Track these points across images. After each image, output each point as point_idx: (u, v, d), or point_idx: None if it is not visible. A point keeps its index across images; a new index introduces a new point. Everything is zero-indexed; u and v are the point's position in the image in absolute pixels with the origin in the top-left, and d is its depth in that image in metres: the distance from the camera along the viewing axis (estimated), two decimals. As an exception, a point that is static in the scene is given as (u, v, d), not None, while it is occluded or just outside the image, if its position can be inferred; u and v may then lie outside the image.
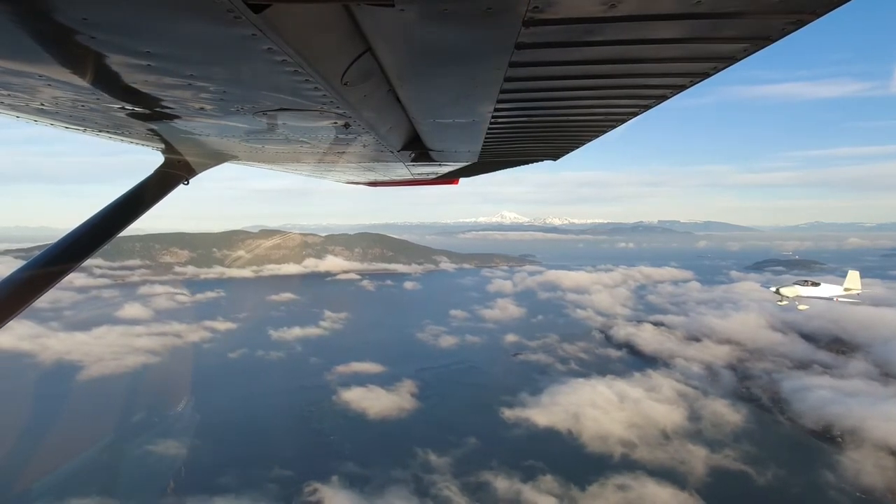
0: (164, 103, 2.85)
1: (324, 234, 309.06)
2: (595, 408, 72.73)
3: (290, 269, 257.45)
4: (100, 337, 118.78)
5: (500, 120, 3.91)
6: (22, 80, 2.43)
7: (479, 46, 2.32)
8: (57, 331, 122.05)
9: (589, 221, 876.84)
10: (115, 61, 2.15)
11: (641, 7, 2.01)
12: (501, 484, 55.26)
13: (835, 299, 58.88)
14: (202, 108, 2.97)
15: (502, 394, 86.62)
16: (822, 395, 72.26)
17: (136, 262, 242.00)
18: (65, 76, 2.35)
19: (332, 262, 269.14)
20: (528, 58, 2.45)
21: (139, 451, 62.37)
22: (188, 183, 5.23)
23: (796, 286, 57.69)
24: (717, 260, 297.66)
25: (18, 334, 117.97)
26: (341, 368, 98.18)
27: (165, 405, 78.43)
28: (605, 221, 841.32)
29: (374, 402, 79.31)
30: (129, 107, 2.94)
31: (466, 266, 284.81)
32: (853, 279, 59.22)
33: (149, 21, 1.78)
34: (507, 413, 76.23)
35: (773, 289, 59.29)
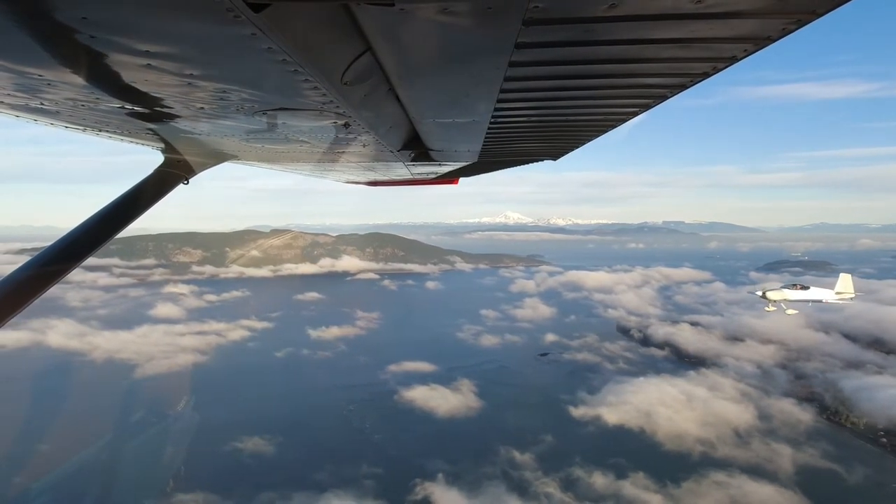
0: (163, 103, 2.89)
1: (335, 234, 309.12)
2: (664, 406, 73.70)
3: (308, 268, 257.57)
4: (144, 336, 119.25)
5: (500, 119, 3.92)
6: (21, 80, 2.46)
7: (479, 46, 2.34)
8: (100, 329, 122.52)
9: (593, 222, 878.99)
10: (115, 61, 2.16)
11: (641, 6, 2.01)
12: (599, 480, 56.24)
13: (823, 301, 56.84)
14: (202, 108, 2.99)
15: (560, 392, 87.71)
16: (891, 394, 73.10)
17: (152, 261, 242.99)
18: (64, 76, 2.38)
19: (349, 262, 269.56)
20: (528, 57, 2.49)
21: (227, 447, 63.25)
22: (188, 182, 5.20)
23: (784, 290, 55.01)
24: (731, 261, 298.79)
25: (65, 332, 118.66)
26: (393, 367, 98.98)
27: (231, 402, 79.13)
28: (610, 222, 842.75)
29: (440, 401, 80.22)
30: (128, 106, 2.97)
31: (482, 266, 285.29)
32: (846, 283, 56.48)
33: (148, 20, 1.78)
34: (575, 411, 77.14)
35: (759, 293, 55.96)
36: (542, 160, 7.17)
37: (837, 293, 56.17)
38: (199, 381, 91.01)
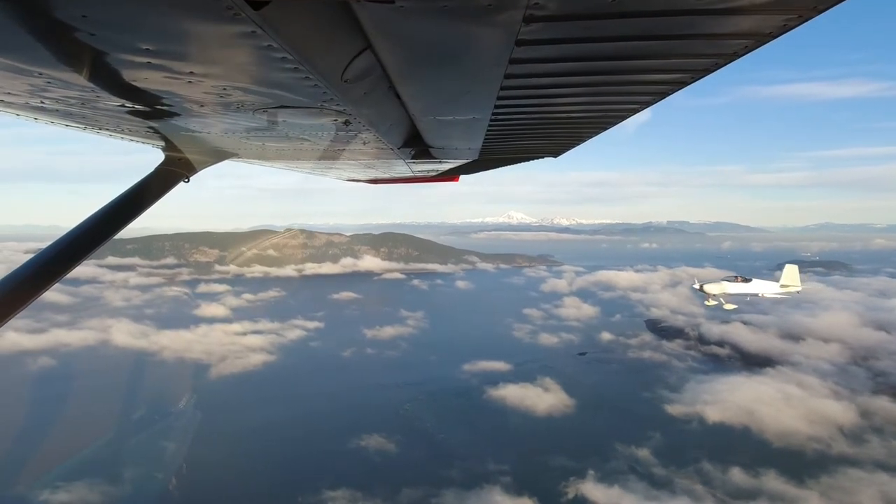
0: (163, 101, 2.90)
1: (349, 234, 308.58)
2: (763, 404, 74.43)
3: (331, 268, 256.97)
4: (205, 335, 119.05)
5: (500, 117, 3.93)
6: (21, 78, 2.47)
7: (479, 43, 2.36)
8: (159, 329, 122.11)
9: (597, 222, 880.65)
10: (115, 59, 2.18)
11: (642, 3, 2.04)
12: (736, 476, 56.99)
13: (760, 295, 54.29)
14: (202, 106, 3.01)
15: (640, 389, 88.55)
16: None
17: (172, 260, 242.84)
18: (64, 74, 2.39)
19: (371, 262, 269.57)
20: (529, 54, 2.49)
21: (351, 444, 63.65)
22: (188, 180, 5.17)
23: (724, 282, 52.70)
24: (749, 261, 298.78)
25: (127, 331, 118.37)
26: (468, 367, 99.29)
27: (325, 401, 79.37)
28: (614, 222, 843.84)
29: (535, 399, 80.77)
30: (128, 104, 2.98)
31: (503, 266, 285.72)
32: (791, 275, 53.57)
33: (148, 18, 1.80)
34: (671, 409, 77.85)
35: (697, 286, 53.05)
36: (543, 157, 7.23)
37: (783, 286, 53.75)
38: (281, 380, 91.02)
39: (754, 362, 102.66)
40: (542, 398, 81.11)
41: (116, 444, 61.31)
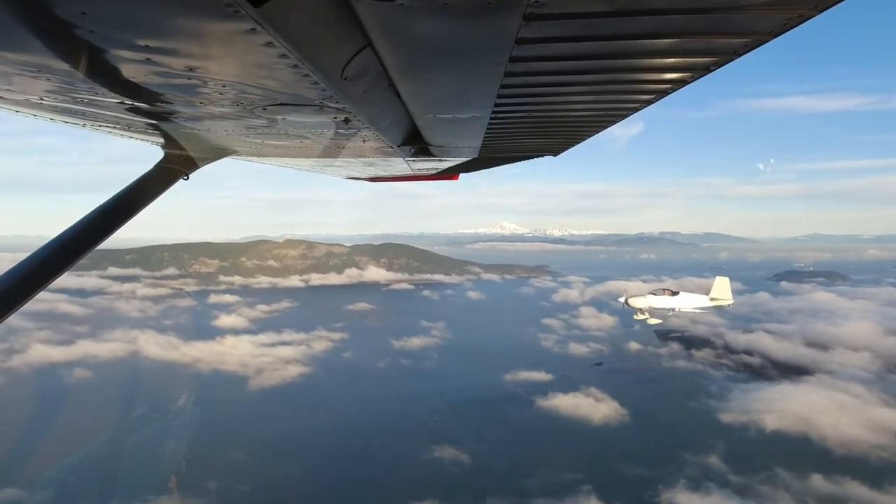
0: (163, 98, 2.90)
1: (348, 244, 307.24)
2: (818, 412, 75.23)
3: (337, 278, 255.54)
4: (234, 347, 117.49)
5: (500, 115, 3.95)
6: (21, 74, 2.47)
7: (479, 41, 2.37)
8: (186, 340, 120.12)
9: (589, 233, 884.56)
10: (115, 55, 2.17)
11: (642, 1, 2.06)
12: (817, 482, 57.46)
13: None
14: (202, 103, 3.01)
15: (684, 398, 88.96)
16: None
17: (174, 271, 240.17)
18: (64, 70, 2.39)
19: (376, 273, 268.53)
20: (529, 53, 2.50)
21: (426, 455, 63.12)
22: (188, 178, 5.18)
23: (649, 296, 50.13)
24: (749, 271, 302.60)
25: (155, 342, 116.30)
26: (509, 377, 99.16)
27: (384, 411, 78.77)
28: (606, 233, 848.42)
29: (589, 409, 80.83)
30: (128, 101, 2.98)
31: (508, 277, 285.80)
32: (722, 287, 51.25)
33: (148, 15, 1.80)
34: (724, 417, 78.36)
35: (622, 299, 50.38)
36: (542, 156, 7.25)
37: (713, 298, 51.38)
38: (327, 391, 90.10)
39: (790, 371, 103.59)
40: (595, 408, 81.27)
41: (186, 457, 60.31)
